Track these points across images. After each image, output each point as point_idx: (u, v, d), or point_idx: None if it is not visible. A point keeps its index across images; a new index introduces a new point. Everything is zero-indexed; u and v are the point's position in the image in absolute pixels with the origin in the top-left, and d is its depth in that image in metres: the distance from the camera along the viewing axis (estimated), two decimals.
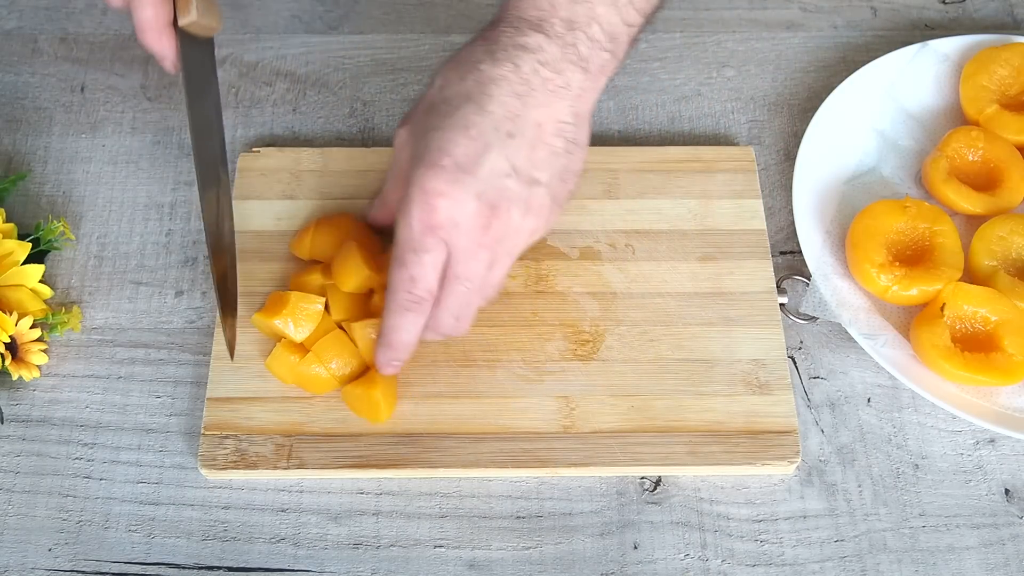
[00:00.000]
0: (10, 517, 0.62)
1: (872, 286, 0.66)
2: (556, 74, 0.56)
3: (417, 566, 0.61)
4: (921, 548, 0.61)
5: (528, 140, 0.56)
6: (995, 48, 0.75)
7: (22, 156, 0.75)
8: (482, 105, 0.55)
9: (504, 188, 0.55)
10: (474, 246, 0.56)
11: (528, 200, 0.56)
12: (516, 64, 0.55)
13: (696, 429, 0.63)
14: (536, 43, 0.56)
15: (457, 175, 0.54)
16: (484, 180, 0.54)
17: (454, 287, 0.57)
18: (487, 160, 0.54)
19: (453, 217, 0.54)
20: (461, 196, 0.54)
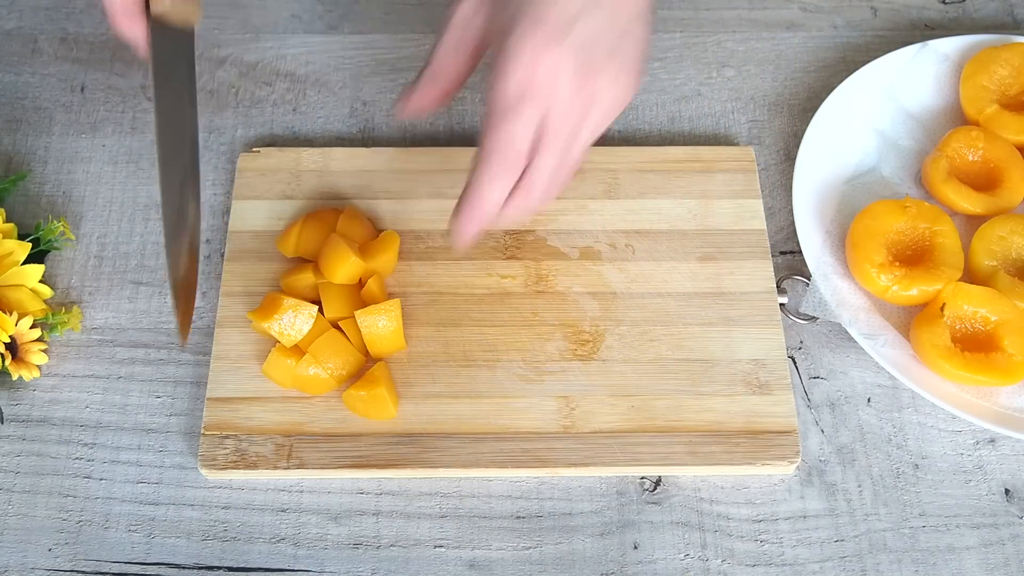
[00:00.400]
0: (10, 517, 0.62)
1: (872, 286, 0.66)
2: None
3: (417, 566, 0.61)
4: (921, 548, 0.61)
5: (609, 10, 0.57)
6: (995, 48, 0.75)
7: (22, 156, 0.75)
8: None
9: (596, 51, 0.56)
10: (571, 102, 0.56)
11: (621, 57, 0.57)
12: None
13: (696, 429, 0.63)
14: None
15: (555, 35, 0.55)
16: (578, 41, 0.55)
17: (550, 144, 0.57)
18: (579, 23, 0.56)
19: (553, 76, 0.55)
20: (561, 55, 0.55)
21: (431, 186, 0.72)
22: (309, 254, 0.67)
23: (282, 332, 0.63)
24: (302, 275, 0.66)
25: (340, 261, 0.64)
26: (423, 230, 0.70)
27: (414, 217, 0.70)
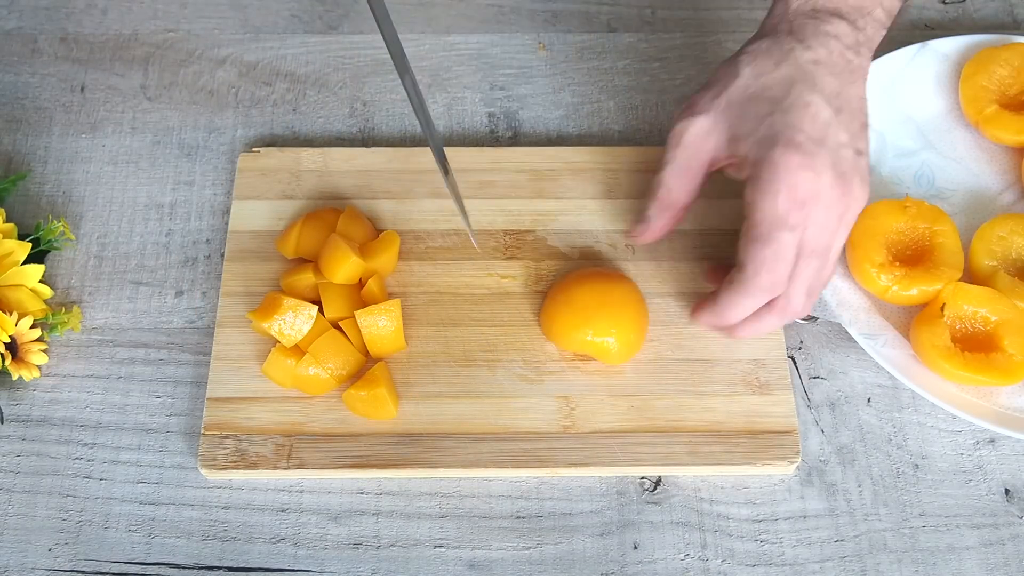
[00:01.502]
0: (10, 517, 0.62)
1: (872, 286, 0.66)
2: (856, 55, 0.60)
3: (417, 566, 0.61)
4: (921, 548, 0.61)
5: (849, 113, 0.59)
6: (995, 48, 0.75)
7: (22, 156, 0.75)
8: (811, 85, 0.58)
9: (846, 159, 0.57)
10: (827, 216, 0.57)
11: (861, 169, 0.58)
12: (828, 49, 0.59)
13: (696, 429, 0.63)
14: (839, 29, 0.60)
15: (813, 149, 0.56)
16: (833, 152, 0.57)
17: (810, 262, 0.58)
18: (830, 133, 0.57)
19: (817, 190, 0.56)
20: (820, 168, 0.56)
21: (431, 186, 0.72)
22: (309, 254, 0.67)
23: (282, 332, 0.63)
24: (302, 275, 0.66)
25: (340, 261, 0.64)
26: (423, 230, 0.70)
27: (414, 217, 0.70)
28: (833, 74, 0.59)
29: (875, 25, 0.62)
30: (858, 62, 0.60)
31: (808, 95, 0.58)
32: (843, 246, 0.60)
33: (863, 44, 0.61)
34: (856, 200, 0.58)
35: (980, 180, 0.73)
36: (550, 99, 0.78)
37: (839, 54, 0.60)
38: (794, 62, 0.59)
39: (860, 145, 0.59)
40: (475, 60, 0.80)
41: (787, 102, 0.58)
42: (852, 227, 0.60)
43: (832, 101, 0.58)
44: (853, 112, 0.59)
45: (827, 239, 0.58)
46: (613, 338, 0.63)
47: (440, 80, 0.79)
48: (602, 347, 0.63)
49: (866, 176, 0.59)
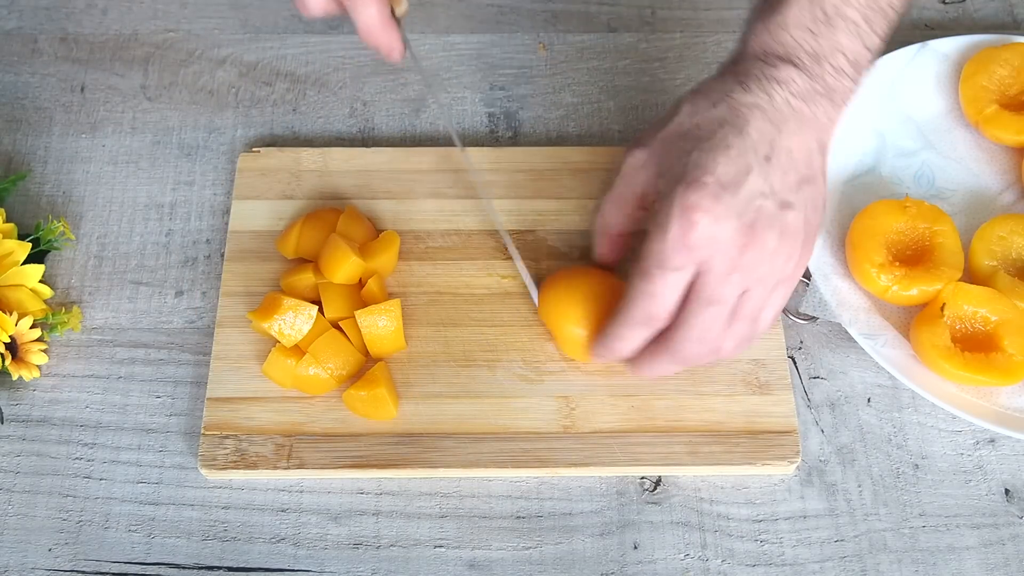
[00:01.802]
0: (10, 517, 0.62)
1: (872, 286, 0.66)
2: (805, 104, 0.56)
3: (417, 566, 0.61)
4: (921, 548, 0.61)
5: (782, 165, 0.55)
6: (995, 48, 0.75)
7: (22, 156, 0.75)
8: (740, 128, 0.55)
9: (761, 209, 0.54)
10: (728, 268, 0.54)
11: (783, 224, 0.55)
12: (769, 95, 0.56)
13: (696, 429, 0.63)
14: (787, 75, 0.56)
15: (719, 193, 0.53)
16: (744, 200, 0.54)
17: (701, 310, 0.55)
18: (748, 181, 0.54)
19: (713, 235, 0.53)
20: (722, 214, 0.53)
21: (431, 186, 0.72)
22: (309, 254, 0.67)
23: (282, 332, 0.63)
24: (302, 275, 0.66)
25: (340, 261, 0.64)
26: (423, 230, 0.70)
27: (414, 217, 0.70)
28: (770, 121, 0.55)
29: (835, 73, 0.57)
30: (809, 112, 0.56)
31: (733, 137, 0.54)
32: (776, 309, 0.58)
33: (818, 93, 0.57)
34: (774, 255, 0.55)
35: (980, 180, 0.73)
36: (550, 99, 0.78)
37: (783, 100, 0.56)
38: (730, 104, 0.56)
39: (789, 198, 0.55)
40: (475, 60, 0.80)
41: (709, 143, 0.55)
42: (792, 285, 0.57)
43: (760, 148, 0.55)
44: (787, 164, 0.55)
45: (729, 291, 0.55)
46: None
47: (440, 80, 0.79)
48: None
49: (792, 233, 0.55)
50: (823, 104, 0.57)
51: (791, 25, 0.57)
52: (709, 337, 0.56)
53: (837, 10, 0.57)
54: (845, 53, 0.57)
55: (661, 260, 0.54)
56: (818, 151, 0.57)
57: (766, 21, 0.58)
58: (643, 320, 0.56)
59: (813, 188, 0.57)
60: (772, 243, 0.54)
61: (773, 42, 0.57)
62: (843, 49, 0.57)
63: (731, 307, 0.56)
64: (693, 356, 0.57)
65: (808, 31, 0.57)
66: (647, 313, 0.56)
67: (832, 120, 0.58)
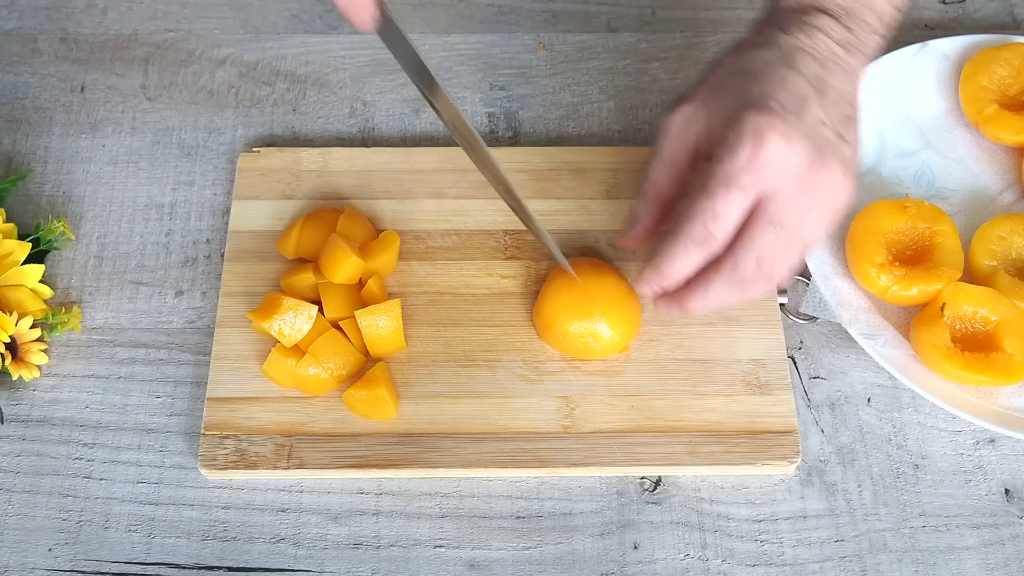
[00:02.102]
0: (10, 517, 0.62)
1: (872, 286, 0.66)
2: (845, 52, 0.58)
3: (417, 566, 0.61)
4: (921, 548, 0.61)
5: (832, 100, 0.57)
6: (995, 48, 0.75)
7: (22, 156, 0.75)
8: (792, 66, 0.56)
9: (826, 136, 0.55)
10: (796, 189, 0.54)
11: (843, 155, 0.56)
12: (812, 39, 0.58)
13: (696, 429, 0.63)
14: (826, 24, 0.58)
15: (786, 117, 0.54)
16: (809, 125, 0.54)
17: (764, 229, 0.55)
18: (809, 108, 0.55)
19: (784, 157, 0.54)
20: (793, 136, 0.54)
21: (431, 186, 0.72)
22: (309, 254, 0.67)
23: (282, 332, 0.63)
24: (302, 275, 0.66)
25: (340, 261, 0.64)
26: (423, 230, 0.70)
27: (414, 217, 0.70)
28: (816, 61, 0.57)
29: (865, 28, 0.60)
30: (847, 59, 0.59)
31: (787, 72, 0.56)
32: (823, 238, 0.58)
33: (853, 44, 0.59)
34: (836, 184, 0.56)
35: (980, 180, 0.73)
36: (550, 99, 0.78)
37: (824, 44, 0.58)
38: (775, 46, 0.58)
39: (844, 132, 0.56)
40: (475, 60, 0.80)
41: (765, 79, 0.56)
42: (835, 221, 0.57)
43: (812, 82, 0.56)
44: (837, 101, 0.57)
45: (793, 215, 0.55)
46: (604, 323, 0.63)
47: (440, 80, 0.78)
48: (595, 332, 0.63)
49: (850, 165, 0.56)
50: (856, 55, 0.59)
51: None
52: (767, 259, 0.56)
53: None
54: (875, 9, 0.60)
55: (728, 179, 0.54)
56: (856, 96, 0.59)
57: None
58: (701, 239, 0.55)
59: (857, 129, 0.58)
60: (838, 173, 0.55)
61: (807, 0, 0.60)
62: (873, 6, 0.60)
63: (793, 229, 0.56)
64: (750, 278, 0.56)
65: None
66: (707, 232, 0.55)
67: (860, 71, 0.60)
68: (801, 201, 0.55)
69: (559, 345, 0.65)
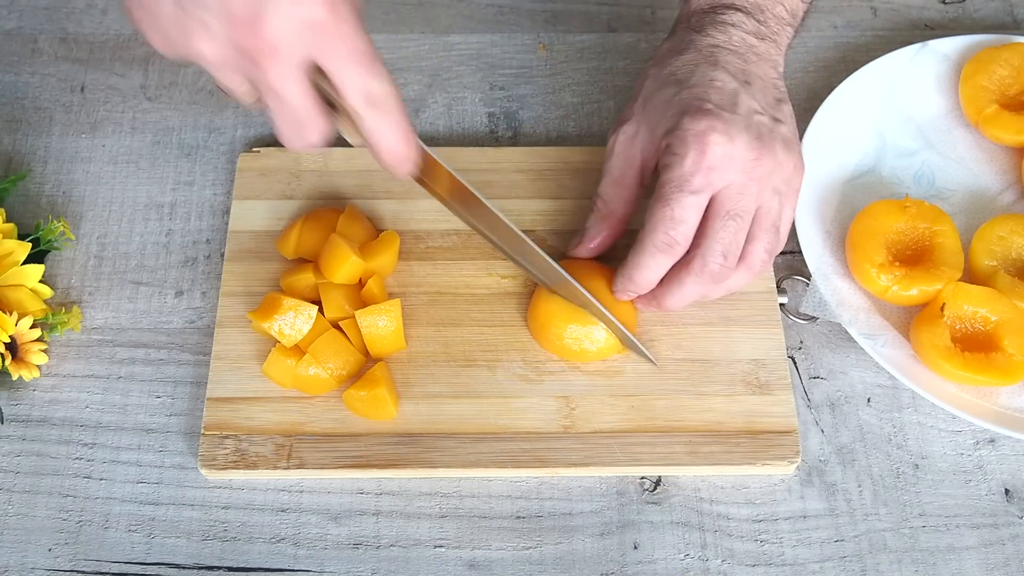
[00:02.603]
0: (10, 517, 0.62)
1: (872, 286, 0.66)
2: (759, 41, 0.62)
3: (417, 566, 0.61)
4: (921, 548, 0.61)
5: (759, 87, 0.60)
6: (995, 48, 0.75)
7: (22, 156, 0.75)
8: (713, 63, 0.60)
9: (761, 123, 0.58)
10: (746, 180, 0.57)
11: (782, 136, 0.59)
12: (727, 35, 0.61)
13: (696, 429, 0.63)
14: (737, 19, 0.62)
15: (722, 114, 0.57)
16: (745, 117, 0.57)
17: (724, 223, 0.58)
18: (741, 101, 0.58)
19: (728, 153, 0.56)
20: (732, 131, 0.56)
21: None
22: (309, 254, 0.67)
23: (282, 332, 0.63)
24: (302, 275, 0.66)
25: (340, 261, 0.64)
26: (423, 230, 0.70)
27: (414, 217, 0.70)
28: (735, 54, 0.60)
29: (777, 21, 0.63)
30: (763, 47, 0.62)
31: (711, 71, 0.59)
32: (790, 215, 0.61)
33: (765, 35, 0.62)
34: (782, 164, 0.58)
35: (980, 180, 0.73)
36: (550, 99, 0.78)
37: (739, 39, 0.61)
38: (694, 48, 0.61)
39: (777, 114, 0.59)
40: (475, 60, 0.80)
41: (692, 81, 0.59)
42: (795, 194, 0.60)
43: (738, 75, 0.59)
44: (763, 87, 0.60)
45: (749, 204, 0.58)
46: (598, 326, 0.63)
47: (440, 80, 0.79)
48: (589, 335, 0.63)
49: (791, 143, 0.59)
50: (770, 45, 0.63)
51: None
52: (733, 250, 0.58)
53: None
54: (784, 4, 0.64)
55: (680, 185, 0.56)
56: (779, 78, 0.63)
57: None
58: (664, 246, 0.58)
59: (788, 106, 0.62)
60: (781, 152, 0.58)
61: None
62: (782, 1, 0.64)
63: (751, 220, 0.58)
64: (720, 272, 0.59)
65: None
66: (668, 238, 0.57)
67: (780, 58, 0.64)
68: (753, 189, 0.58)
69: (554, 348, 0.65)
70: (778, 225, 0.60)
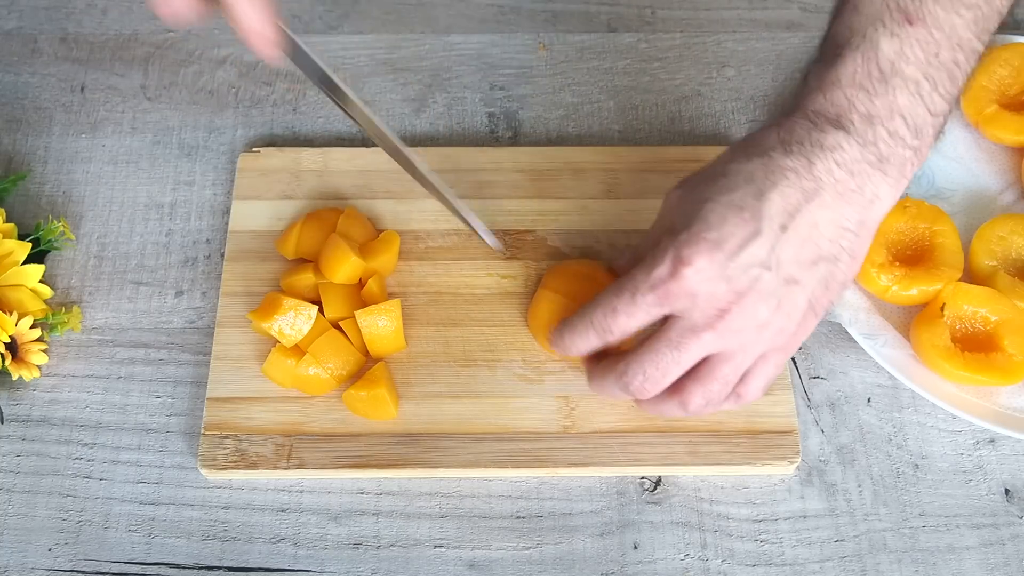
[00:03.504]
0: (10, 517, 0.62)
1: (872, 286, 0.66)
2: (851, 176, 0.51)
3: (417, 566, 0.61)
4: (921, 548, 0.61)
5: (800, 237, 0.51)
6: (995, 48, 0.75)
7: (22, 156, 0.75)
8: (763, 191, 0.51)
9: (759, 280, 0.51)
10: (701, 325, 0.52)
11: (781, 298, 0.52)
12: (810, 160, 0.51)
13: (696, 429, 0.63)
14: (834, 141, 0.51)
15: (714, 253, 0.50)
16: (740, 267, 0.51)
17: (659, 348, 0.53)
18: (751, 247, 0.51)
19: (694, 291, 0.51)
20: (712, 275, 0.51)
21: None
22: (309, 254, 0.67)
23: (282, 332, 0.63)
24: (302, 275, 0.66)
25: (340, 261, 0.64)
26: (423, 230, 0.70)
27: (414, 217, 0.70)
28: (803, 190, 0.51)
29: (890, 139, 0.52)
30: (854, 184, 0.51)
31: (751, 199, 0.51)
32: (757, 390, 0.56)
33: (869, 164, 0.51)
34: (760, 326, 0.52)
35: (980, 180, 0.73)
36: (550, 99, 0.78)
37: (824, 169, 0.51)
38: (765, 162, 0.52)
39: (798, 274, 0.52)
40: (475, 60, 0.80)
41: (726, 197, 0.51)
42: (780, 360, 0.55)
43: (778, 217, 0.51)
44: (807, 237, 0.51)
45: (692, 344, 0.52)
46: None
47: (440, 80, 0.79)
48: None
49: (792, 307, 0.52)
50: (873, 176, 0.52)
51: (844, 83, 0.52)
52: (658, 377, 0.54)
53: (894, 67, 0.51)
54: (904, 116, 0.52)
55: (636, 288, 0.52)
56: (854, 230, 0.52)
57: (820, 77, 0.53)
58: (597, 327, 0.55)
59: (832, 267, 0.53)
60: (763, 314, 0.52)
61: (825, 101, 0.52)
62: (902, 112, 0.52)
63: (693, 360, 0.54)
64: (638, 389, 0.55)
65: (863, 89, 0.52)
66: (603, 324, 0.54)
67: (881, 197, 0.52)
68: (708, 336, 0.52)
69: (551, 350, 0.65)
70: (731, 380, 0.54)
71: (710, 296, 0.51)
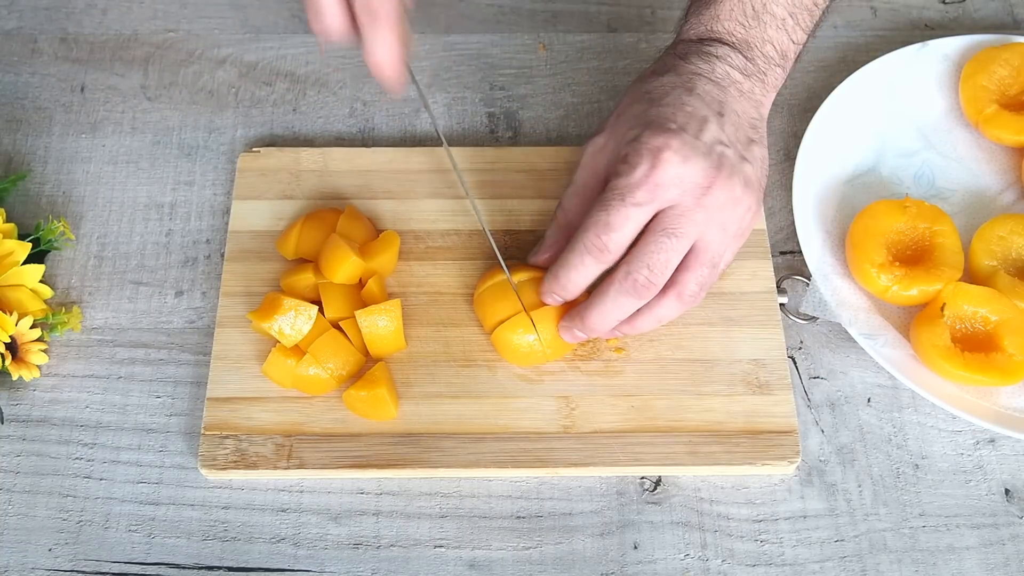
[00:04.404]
0: (10, 517, 0.62)
1: (872, 286, 0.66)
2: (745, 79, 0.61)
3: (417, 566, 0.61)
4: (921, 548, 0.61)
5: (732, 123, 0.59)
6: (995, 48, 0.75)
7: (22, 156, 0.75)
8: (690, 89, 0.59)
9: (724, 155, 0.57)
10: (692, 205, 0.56)
11: (745, 174, 0.58)
12: (711, 65, 0.60)
13: (696, 429, 0.63)
14: (724, 52, 0.61)
15: (683, 135, 0.56)
16: (707, 144, 0.56)
17: (657, 238, 0.57)
18: (707, 128, 0.57)
19: (680, 175, 0.55)
20: (689, 154, 0.55)
21: (431, 186, 0.72)
22: (309, 254, 0.67)
23: (282, 332, 0.63)
24: (302, 275, 0.66)
25: (340, 261, 0.64)
26: (423, 230, 0.70)
27: (414, 217, 0.70)
28: (716, 84, 0.60)
29: (765, 60, 0.62)
30: (747, 84, 0.61)
31: (685, 96, 0.58)
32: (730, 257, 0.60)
33: (752, 72, 0.61)
34: (736, 200, 0.57)
35: (980, 180, 0.73)
36: (550, 99, 0.78)
37: (722, 70, 0.60)
38: (676, 72, 0.60)
39: (745, 153, 0.58)
40: (475, 60, 0.80)
41: (664, 102, 0.58)
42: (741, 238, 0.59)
43: (712, 104, 0.58)
44: (737, 123, 0.59)
45: (690, 228, 0.56)
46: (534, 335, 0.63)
47: (440, 80, 0.79)
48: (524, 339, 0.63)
49: (752, 184, 0.58)
50: (756, 83, 0.62)
51: (723, 19, 0.62)
52: (660, 267, 0.57)
53: (764, 7, 0.62)
54: (773, 43, 0.62)
55: (623, 194, 0.55)
56: (759, 120, 0.61)
57: (699, 15, 0.63)
58: (595, 249, 0.57)
59: (761, 150, 0.61)
60: (738, 189, 0.57)
61: (708, 31, 0.62)
62: (771, 40, 0.62)
63: (688, 245, 0.57)
64: (643, 285, 0.57)
65: (739, 23, 0.62)
66: (600, 242, 0.57)
67: (765, 99, 0.62)
68: (699, 216, 0.57)
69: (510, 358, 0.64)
70: (716, 263, 0.59)
71: (694, 175, 0.56)
